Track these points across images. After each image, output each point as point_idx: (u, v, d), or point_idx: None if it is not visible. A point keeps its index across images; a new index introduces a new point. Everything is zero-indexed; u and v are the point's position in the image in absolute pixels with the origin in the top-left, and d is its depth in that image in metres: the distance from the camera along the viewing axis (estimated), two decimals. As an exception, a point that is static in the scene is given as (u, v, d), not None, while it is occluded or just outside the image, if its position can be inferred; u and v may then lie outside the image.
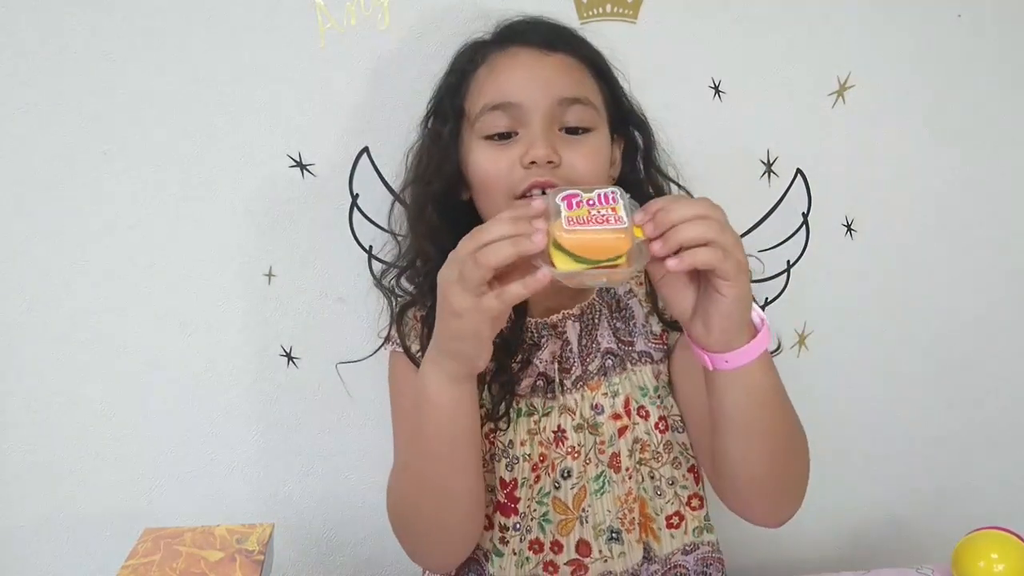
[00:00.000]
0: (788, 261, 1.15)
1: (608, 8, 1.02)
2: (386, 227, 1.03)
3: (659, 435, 0.88)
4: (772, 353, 0.86)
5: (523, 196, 0.79)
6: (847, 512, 1.28)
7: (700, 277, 0.69)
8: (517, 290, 0.64)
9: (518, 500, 0.86)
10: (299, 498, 1.12)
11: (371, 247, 1.04)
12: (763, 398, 0.74)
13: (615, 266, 0.63)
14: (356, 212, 1.03)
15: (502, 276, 0.66)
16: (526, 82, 0.82)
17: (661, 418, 0.88)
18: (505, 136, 0.82)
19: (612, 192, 0.65)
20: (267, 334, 1.05)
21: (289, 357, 1.07)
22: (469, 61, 0.87)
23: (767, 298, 1.15)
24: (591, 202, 0.64)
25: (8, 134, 0.95)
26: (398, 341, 0.88)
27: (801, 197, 1.13)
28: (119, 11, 0.94)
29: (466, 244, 0.66)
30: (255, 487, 1.10)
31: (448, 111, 0.86)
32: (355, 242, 1.04)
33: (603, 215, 0.64)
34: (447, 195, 0.87)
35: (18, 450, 1.04)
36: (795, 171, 1.11)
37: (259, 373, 1.06)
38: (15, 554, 1.07)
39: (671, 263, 0.64)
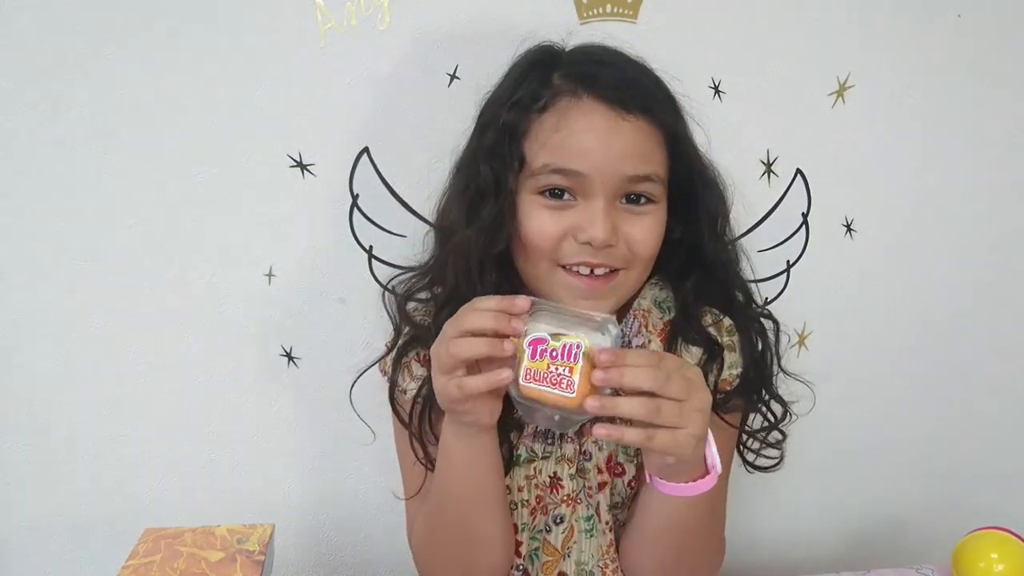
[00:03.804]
0: (788, 261, 1.15)
1: (608, 8, 1.02)
2: (386, 227, 1.03)
3: (629, 492, 0.88)
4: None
5: (566, 267, 0.77)
6: (847, 512, 1.28)
7: None
8: (476, 383, 0.67)
9: (520, 544, 0.87)
10: (299, 498, 1.12)
11: (371, 247, 1.04)
12: (684, 523, 0.78)
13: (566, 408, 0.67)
14: (356, 212, 1.03)
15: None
16: (596, 153, 0.74)
17: (634, 476, 0.87)
18: (559, 195, 0.76)
19: (576, 347, 0.66)
20: (267, 334, 1.05)
21: (289, 357, 1.07)
22: (533, 97, 0.77)
23: (767, 298, 1.15)
24: (554, 354, 0.66)
25: (8, 134, 0.95)
26: (388, 375, 0.87)
27: (801, 197, 1.13)
28: (119, 11, 0.94)
29: (449, 327, 0.69)
30: (255, 487, 1.10)
31: (507, 155, 0.77)
32: (355, 242, 1.04)
33: (558, 376, 0.66)
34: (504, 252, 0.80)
35: (18, 450, 1.04)
36: (795, 171, 1.11)
37: (259, 373, 1.06)
38: (15, 554, 1.07)
39: (598, 430, 0.66)
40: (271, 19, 0.96)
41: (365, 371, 0.91)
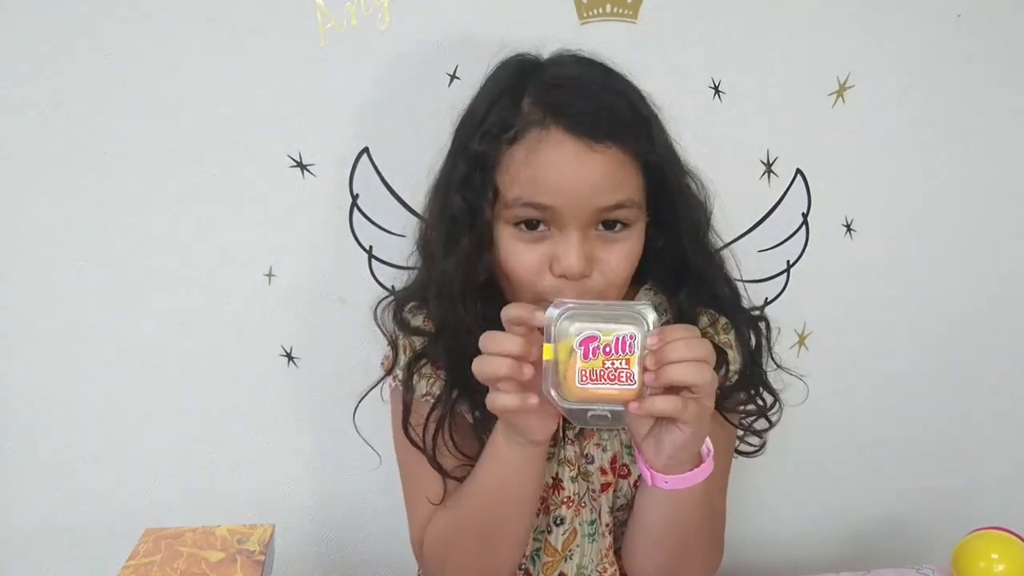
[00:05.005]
0: (788, 261, 1.15)
1: (608, 8, 1.02)
2: (386, 227, 1.03)
3: (633, 493, 0.87)
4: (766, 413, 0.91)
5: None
6: (847, 512, 1.28)
7: None
8: (506, 402, 0.69)
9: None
10: (299, 498, 1.12)
11: (371, 247, 1.04)
12: (687, 519, 0.79)
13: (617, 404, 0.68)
14: (356, 212, 1.03)
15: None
16: (567, 187, 0.73)
17: (639, 477, 0.86)
18: (535, 225, 0.76)
19: (631, 337, 0.66)
20: (267, 334, 1.05)
21: (289, 357, 1.07)
22: (502, 127, 0.75)
23: (767, 298, 1.15)
24: (608, 349, 0.66)
25: (8, 134, 0.95)
26: (399, 377, 0.86)
27: (801, 197, 1.13)
28: (119, 11, 0.94)
29: (482, 342, 0.70)
30: (255, 487, 1.10)
31: (480, 186, 0.76)
32: (355, 242, 1.04)
33: (616, 370, 0.67)
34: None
35: (18, 450, 1.04)
36: (795, 171, 1.11)
37: (259, 373, 1.06)
38: (15, 554, 1.07)
39: (632, 406, 0.67)
40: (271, 19, 0.96)
41: (366, 394, 0.91)
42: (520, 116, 0.75)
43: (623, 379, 0.67)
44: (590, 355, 0.67)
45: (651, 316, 0.68)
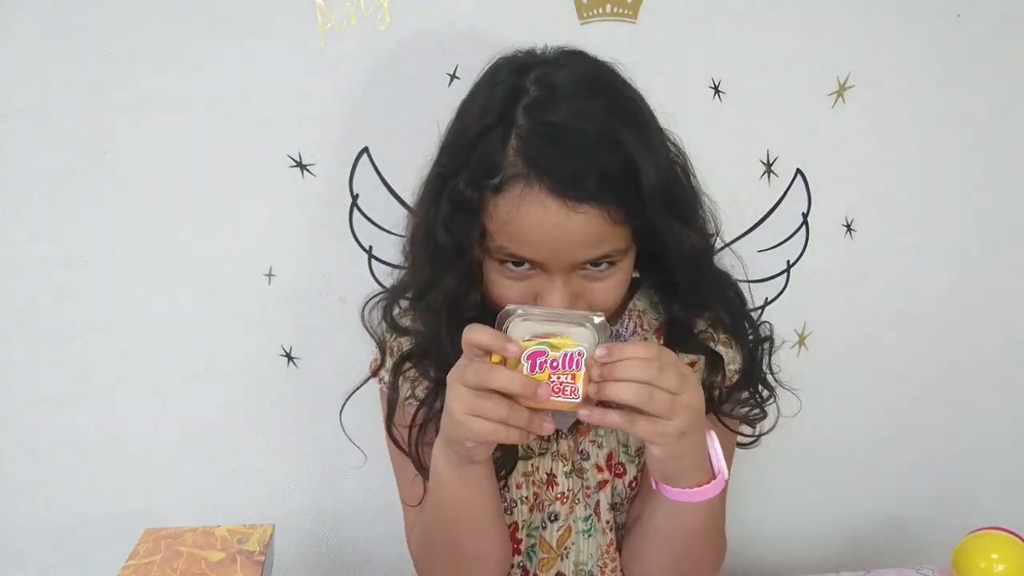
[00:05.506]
0: (788, 261, 1.15)
1: (608, 8, 1.02)
2: (386, 227, 1.03)
3: (629, 493, 0.88)
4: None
5: None
6: (847, 512, 1.28)
7: None
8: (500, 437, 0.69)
9: (520, 541, 0.87)
10: (299, 498, 1.12)
11: (371, 247, 1.04)
12: (691, 531, 0.79)
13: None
14: (356, 212, 1.03)
15: None
16: (548, 244, 0.72)
17: (635, 478, 0.88)
18: (520, 263, 0.75)
19: (579, 355, 0.68)
20: (267, 334, 1.06)
21: (289, 357, 1.07)
22: (488, 170, 0.72)
23: (767, 298, 1.15)
24: (555, 364, 0.68)
25: (8, 134, 0.95)
26: (386, 381, 0.87)
27: (801, 197, 1.12)
28: (119, 11, 0.94)
29: (481, 375, 0.68)
30: (255, 487, 1.10)
31: (467, 225, 0.75)
32: (355, 242, 1.04)
33: (561, 384, 0.68)
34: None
35: (18, 450, 1.04)
36: (795, 171, 1.11)
37: (259, 373, 1.06)
38: (15, 554, 1.07)
39: (581, 412, 0.68)
40: (271, 19, 0.96)
41: (351, 394, 0.91)
42: (505, 159, 0.71)
43: (567, 392, 0.68)
44: (537, 368, 0.68)
45: (605, 328, 0.70)
